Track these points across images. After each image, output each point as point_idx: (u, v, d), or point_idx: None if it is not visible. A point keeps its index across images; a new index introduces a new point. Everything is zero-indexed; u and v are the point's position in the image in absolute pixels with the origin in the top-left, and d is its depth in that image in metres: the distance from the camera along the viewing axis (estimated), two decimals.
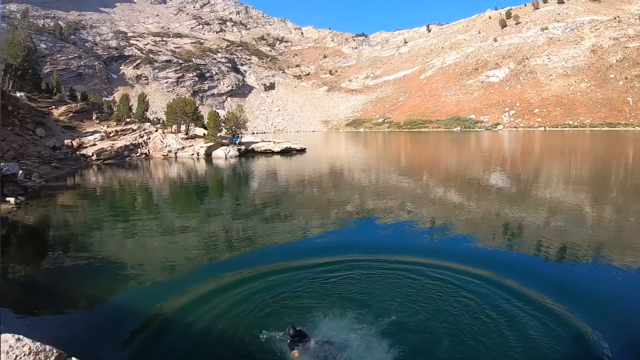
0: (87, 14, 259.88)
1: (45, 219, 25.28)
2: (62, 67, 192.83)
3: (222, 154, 65.34)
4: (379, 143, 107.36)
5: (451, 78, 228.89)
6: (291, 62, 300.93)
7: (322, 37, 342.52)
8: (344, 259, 15.44)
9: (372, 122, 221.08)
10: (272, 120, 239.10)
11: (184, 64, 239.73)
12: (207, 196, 35.61)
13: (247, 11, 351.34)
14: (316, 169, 49.82)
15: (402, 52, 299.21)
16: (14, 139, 52.10)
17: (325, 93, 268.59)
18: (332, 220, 23.66)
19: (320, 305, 11.69)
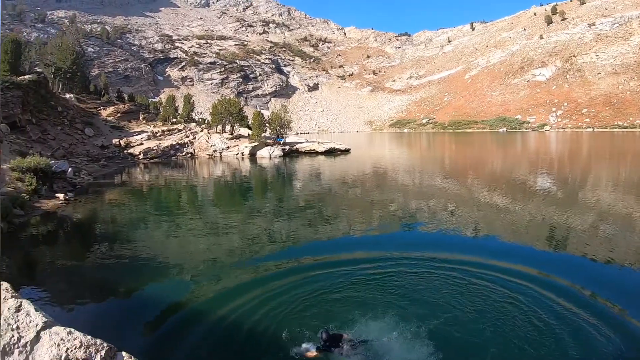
0: (133, 18, 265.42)
1: (92, 215, 25.79)
2: (110, 69, 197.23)
3: (267, 153, 65.18)
4: (423, 144, 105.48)
5: (496, 77, 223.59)
6: (334, 63, 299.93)
7: (365, 37, 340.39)
8: (386, 258, 15.28)
9: (416, 122, 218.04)
10: (316, 121, 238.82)
11: (228, 66, 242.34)
12: (250, 195, 35.47)
13: (289, 13, 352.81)
14: (360, 169, 49.14)
15: (446, 51, 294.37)
16: (63, 138, 53.56)
17: (368, 93, 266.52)
18: (375, 220, 23.22)
19: (361, 303, 11.64)
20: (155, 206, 30.01)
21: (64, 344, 3.52)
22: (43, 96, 58.02)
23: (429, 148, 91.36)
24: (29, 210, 24.84)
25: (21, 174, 29.03)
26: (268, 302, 11.75)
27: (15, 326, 3.66)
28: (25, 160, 30.92)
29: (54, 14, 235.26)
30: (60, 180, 33.79)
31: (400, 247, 16.79)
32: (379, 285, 12.85)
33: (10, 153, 36.40)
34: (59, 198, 28.71)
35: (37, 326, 3.70)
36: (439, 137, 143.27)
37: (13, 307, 3.86)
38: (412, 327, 10.10)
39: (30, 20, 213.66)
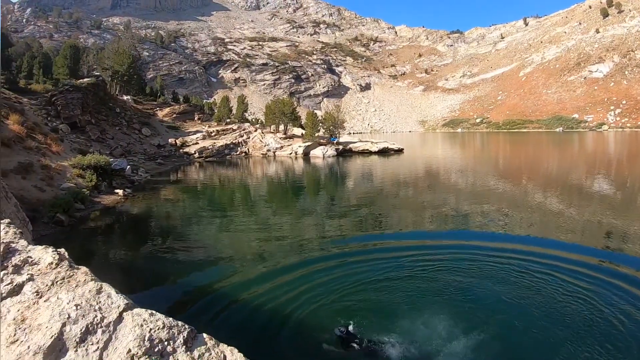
0: (186, 23, 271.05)
1: (148, 210, 26.45)
2: (165, 72, 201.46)
3: (320, 153, 64.74)
4: (477, 144, 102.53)
5: (552, 74, 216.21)
6: (386, 62, 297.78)
7: (416, 35, 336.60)
8: (436, 255, 15.18)
9: (469, 122, 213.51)
10: (369, 121, 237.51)
11: (280, 67, 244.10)
12: (303, 193, 35.35)
13: (339, 13, 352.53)
14: (413, 169, 48.07)
15: (499, 48, 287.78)
16: (122, 137, 55.16)
17: (421, 93, 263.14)
18: (426, 219, 22.59)
19: (409, 300, 11.71)
20: (209, 203, 30.52)
21: (146, 324, 3.56)
22: (101, 98, 60.12)
23: (482, 148, 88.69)
24: (89, 205, 25.77)
25: (82, 170, 30.11)
26: (316, 295, 11.87)
27: (98, 307, 3.72)
28: (86, 158, 32.15)
29: (109, 21, 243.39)
30: (119, 177, 34.90)
31: (451, 245, 16.53)
32: (429, 281, 12.86)
33: (71, 151, 37.62)
34: (118, 194, 29.64)
35: (119, 307, 3.76)
36: (493, 137, 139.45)
37: (94, 290, 3.94)
38: (468, 323, 10.11)
39: (86, 27, 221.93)
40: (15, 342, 3.44)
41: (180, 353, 3.46)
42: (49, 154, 32.65)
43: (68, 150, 37.78)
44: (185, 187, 37.24)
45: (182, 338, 3.60)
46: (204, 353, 3.60)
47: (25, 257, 4.47)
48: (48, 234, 19.52)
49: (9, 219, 6.93)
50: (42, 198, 23.45)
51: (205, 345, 3.66)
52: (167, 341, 3.50)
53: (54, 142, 36.34)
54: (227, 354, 3.75)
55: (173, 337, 3.58)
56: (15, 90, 51.12)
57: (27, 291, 3.96)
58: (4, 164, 25.37)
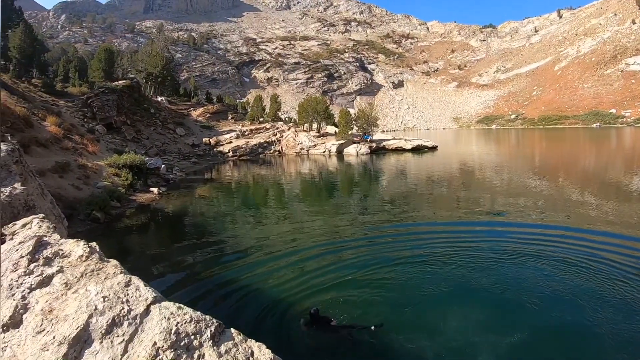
0: (217, 24, 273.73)
1: (183, 207, 26.73)
2: (198, 73, 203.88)
3: (354, 151, 64.39)
4: (512, 141, 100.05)
5: (588, 68, 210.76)
6: (418, 59, 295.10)
7: (448, 31, 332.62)
8: (472, 258, 14.42)
9: (504, 118, 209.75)
10: (402, 118, 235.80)
11: (312, 65, 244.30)
12: (336, 191, 35.00)
13: (370, 10, 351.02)
14: (447, 167, 46.93)
15: (533, 41, 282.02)
16: (157, 137, 55.97)
17: (454, 89, 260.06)
18: (461, 216, 21.92)
19: (436, 298, 11.49)
20: (243, 201, 30.62)
21: (174, 317, 3.60)
22: (136, 99, 61.03)
23: (518, 145, 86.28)
24: (125, 203, 26.34)
25: (117, 169, 30.94)
26: (351, 295, 11.80)
27: (125, 299, 3.80)
28: (121, 158, 32.99)
29: (142, 24, 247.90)
30: (154, 176, 35.50)
31: (483, 249, 15.72)
32: (456, 283, 12.47)
33: (107, 151, 38.66)
34: (153, 192, 30.12)
35: (147, 300, 3.83)
36: (529, 133, 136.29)
37: (123, 282, 4.04)
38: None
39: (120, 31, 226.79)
40: (42, 332, 3.57)
41: (207, 347, 3.48)
42: (85, 154, 33.39)
43: (104, 150, 38.74)
44: (219, 186, 37.43)
45: (209, 332, 3.62)
46: (230, 348, 3.61)
47: (57, 249, 4.69)
48: (84, 230, 19.98)
49: (44, 214, 7.05)
50: (79, 196, 24.06)
51: (232, 340, 3.68)
52: (193, 335, 3.53)
53: (90, 143, 37.16)
54: (255, 350, 3.74)
55: (200, 331, 3.60)
56: (52, 94, 52.79)
57: (56, 282, 4.13)
58: (42, 163, 26.14)
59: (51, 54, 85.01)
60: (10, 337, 3.62)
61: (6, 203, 6.40)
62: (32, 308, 3.85)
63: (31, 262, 4.49)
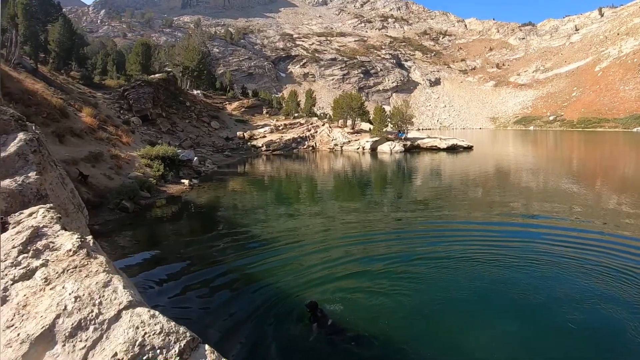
0: (254, 19, 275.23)
1: (213, 200, 26.83)
2: (234, 68, 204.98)
3: (388, 148, 63.68)
4: (550, 143, 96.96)
5: (630, 69, 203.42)
6: (456, 57, 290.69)
7: (487, 28, 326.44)
8: (503, 262, 13.91)
9: (542, 119, 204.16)
10: (438, 117, 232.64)
11: (349, 62, 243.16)
12: (369, 188, 34.57)
13: (407, 6, 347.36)
14: (482, 168, 45.77)
15: (573, 40, 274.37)
16: (191, 130, 56.75)
17: (492, 88, 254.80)
18: (494, 221, 21.13)
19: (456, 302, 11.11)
20: (275, 195, 30.61)
21: (143, 327, 3.41)
22: (172, 92, 62.23)
23: (555, 148, 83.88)
24: (155, 194, 26.72)
25: (150, 160, 31.54)
26: (379, 297, 11.36)
27: (98, 301, 3.67)
28: (154, 149, 33.69)
29: (180, 19, 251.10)
30: (186, 168, 35.84)
31: (520, 246, 15.48)
32: (488, 281, 12.30)
33: (141, 142, 39.54)
34: (184, 184, 30.35)
35: (121, 304, 3.65)
36: (567, 136, 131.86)
37: (102, 282, 3.90)
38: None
39: (158, 26, 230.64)
40: (11, 327, 3.49)
41: None
42: (119, 145, 34.07)
43: (139, 141, 39.47)
44: (251, 179, 37.44)
45: (177, 348, 3.37)
46: None
47: (49, 242, 4.58)
48: (113, 219, 20.42)
49: (62, 204, 8.10)
50: (110, 185, 24.68)
51: (204, 358, 3.46)
52: (159, 349, 3.31)
53: (125, 134, 37.80)
54: None
55: (168, 345, 3.36)
56: (90, 86, 53.73)
57: (38, 277, 4.05)
58: (75, 153, 26.90)
59: (90, 47, 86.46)
60: None
61: (17, 192, 6.31)
62: (10, 301, 3.80)
63: (21, 253, 4.40)
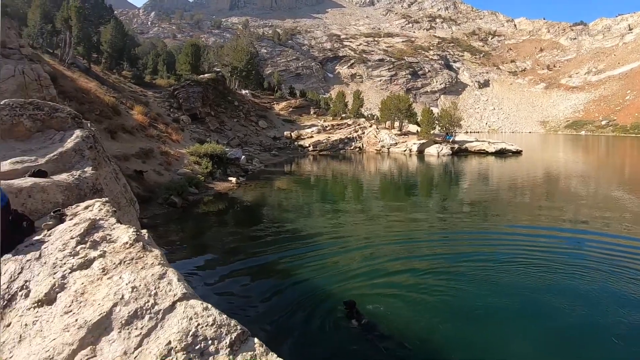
0: (302, 20, 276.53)
1: (259, 198, 27.45)
2: (282, 68, 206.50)
3: (435, 151, 62.75)
4: (602, 149, 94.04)
5: None
6: (505, 58, 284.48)
7: (537, 28, 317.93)
8: (549, 271, 13.46)
9: (594, 124, 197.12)
10: (487, 120, 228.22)
11: (397, 63, 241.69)
12: (415, 191, 34.42)
13: (455, 6, 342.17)
14: (530, 173, 44.67)
15: (627, 41, 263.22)
16: (239, 129, 57.79)
17: (542, 90, 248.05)
18: (541, 226, 20.60)
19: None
20: (320, 195, 31.01)
21: (196, 318, 3.52)
22: (221, 92, 63.51)
23: (608, 154, 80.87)
24: (203, 190, 27.42)
25: (198, 158, 32.37)
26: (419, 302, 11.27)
27: (154, 292, 3.81)
28: (203, 147, 34.58)
29: (228, 21, 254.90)
30: (234, 166, 36.67)
31: (566, 255, 15.08)
32: (523, 298, 11.66)
33: (190, 140, 40.28)
34: (231, 181, 31.03)
35: (175, 296, 3.79)
36: (620, 141, 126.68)
37: (157, 274, 4.05)
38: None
39: (207, 27, 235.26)
40: (68, 312, 3.68)
41: (222, 356, 3.36)
42: (168, 142, 34.96)
43: (188, 139, 40.47)
44: (297, 178, 37.73)
45: (229, 339, 3.45)
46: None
47: (106, 234, 4.82)
48: (161, 213, 21.32)
49: (115, 198, 8.45)
50: (159, 181, 25.71)
51: (252, 351, 3.50)
52: (211, 340, 3.40)
53: (174, 132, 38.70)
54: None
55: (220, 336, 3.45)
56: (141, 85, 55.37)
57: (95, 267, 4.23)
58: (126, 149, 27.85)
59: (141, 48, 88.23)
60: (43, 312, 3.81)
61: (74, 185, 6.64)
62: (68, 288, 4.00)
63: (79, 244, 4.60)
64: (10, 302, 4.10)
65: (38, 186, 6.08)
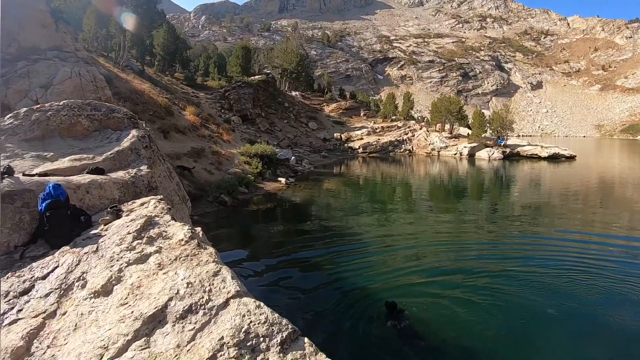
0: (351, 22, 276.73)
1: (308, 198, 27.55)
2: (332, 70, 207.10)
3: (486, 155, 61.70)
4: None
5: None
6: (559, 58, 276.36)
7: (591, 26, 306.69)
8: (600, 282, 12.76)
9: None
10: (540, 123, 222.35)
11: (447, 64, 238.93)
12: (464, 195, 33.81)
13: (506, 5, 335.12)
14: (585, 180, 43.02)
15: None
16: (289, 130, 58.58)
17: (597, 92, 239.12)
18: (594, 238, 19.19)
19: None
20: (368, 197, 30.69)
21: (249, 316, 3.60)
22: (271, 93, 64.41)
23: None
24: (252, 190, 27.93)
25: (249, 158, 32.99)
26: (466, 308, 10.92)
27: (208, 289, 3.92)
28: (253, 147, 35.21)
29: (278, 23, 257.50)
30: (284, 167, 37.12)
31: (620, 270, 14.00)
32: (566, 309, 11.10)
33: (241, 141, 41.06)
34: (281, 182, 31.38)
35: (229, 293, 3.89)
36: None
37: (212, 271, 4.15)
38: None
39: (257, 30, 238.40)
40: (125, 305, 3.86)
41: (273, 353, 3.39)
42: (220, 142, 35.72)
43: (238, 139, 41.31)
44: (346, 180, 37.67)
45: (280, 338, 3.50)
46: (297, 359, 3.47)
47: (161, 231, 5.04)
48: (211, 211, 21.93)
49: (169, 195, 8.84)
50: (210, 180, 26.35)
51: (302, 350, 3.51)
52: (262, 337, 3.45)
53: (225, 132, 39.51)
54: None
55: (271, 334, 3.50)
56: (193, 86, 56.52)
57: (151, 262, 4.42)
58: (179, 148, 28.67)
59: (193, 51, 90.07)
60: (99, 303, 4.00)
61: (130, 183, 6.99)
62: (124, 281, 4.20)
63: (135, 239, 4.82)
64: (66, 292, 4.31)
65: (96, 183, 6.37)
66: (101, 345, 3.43)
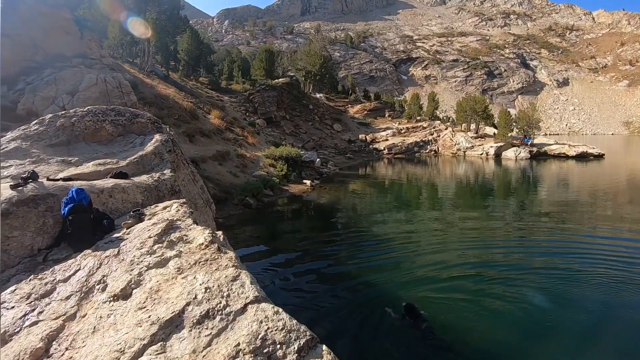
0: (373, 23, 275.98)
1: (333, 201, 27.30)
2: (356, 71, 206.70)
3: (512, 155, 60.94)
4: None
5: None
6: (585, 54, 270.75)
7: (617, 20, 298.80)
8: (629, 284, 12.32)
9: None
10: (567, 121, 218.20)
11: (471, 62, 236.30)
12: (491, 196, 33.24)
13: (529, 1, 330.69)
14: (614, 178, 42.08)
15: None
16: (314, 132, 58.80)
17: (625, 88, 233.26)
18: (624, 237, 19.07)
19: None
20: (394, 198, 30.45)
21: (266, 322, 3.59)
22: (295, 96, 64.75)
23: None
24: (278, 192, 27.94)
25: (274, 160, 33.04)
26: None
27: (227, 294, 3.94)
28: (278, 150, 35.27)
29: (300, 26, 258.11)
30: (309, 169, 37.11)
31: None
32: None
33: (265, 143, 41.29)
34: (306, 184, 31.34)
35: (247, 299, 3.89)
36: None
37: (230, 276, 4.16)
38: None
39: (280, 33, 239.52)
40: (142, 309, 3.89)
41: None
42: (245, 145, 35.99)
43: (263, 142, 41.64)
44: (372, 182, 37.52)
45: (297, 345, 3.46)
46: None
47: (182, 234, 5.07)
48: (236, 214, 22.08)
49: (192, 199, 8.92)
50: (235, 182, 26.52)
51: (320, 358, 3.47)
52: (279, 344, 3.42)
53: (250, 135, 39.88)
54: None
55: (288, 341, 3.47)
56: (217, 90, 57.42)
57: (171, 266, 4.46)
58: (204, 151, 29.21)
59: (217, 55, 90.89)
60: (118, 306, 4.05)
61: (153, 187, 7.06)
62: (144, 285, 4.24)
63: (156, 243, 4.88)
64: (87, 294, 4.39)
65: (119, 187, 6.47)
66: (117, 349, 3.47)
